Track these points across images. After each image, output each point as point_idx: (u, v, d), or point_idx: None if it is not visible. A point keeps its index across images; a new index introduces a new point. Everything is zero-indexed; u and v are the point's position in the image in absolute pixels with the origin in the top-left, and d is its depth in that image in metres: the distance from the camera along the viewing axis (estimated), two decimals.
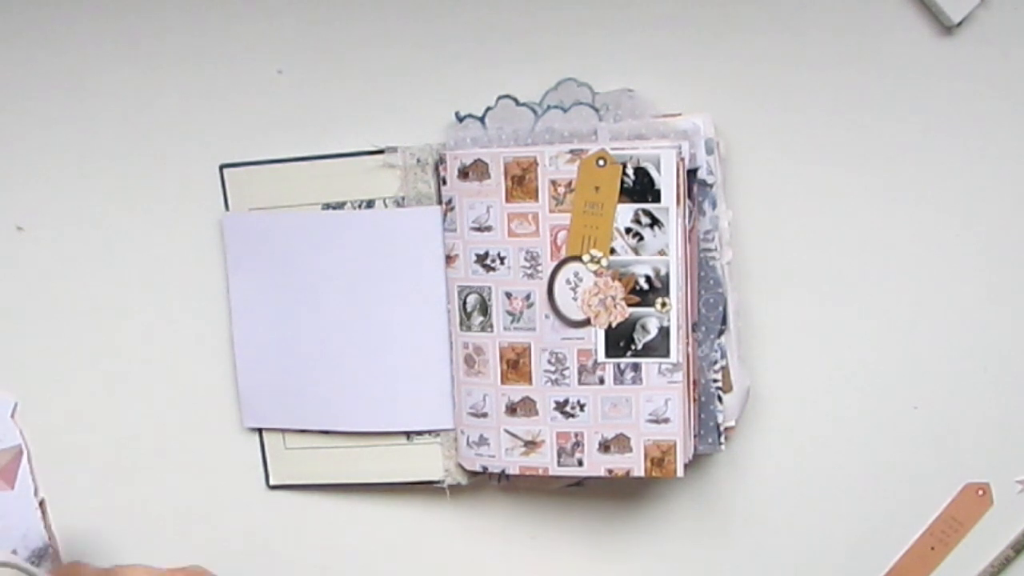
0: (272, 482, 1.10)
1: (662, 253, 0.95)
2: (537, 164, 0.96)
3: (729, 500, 1.06)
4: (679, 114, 0.99)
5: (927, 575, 1.05)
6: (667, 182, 0.94)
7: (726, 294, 0.99)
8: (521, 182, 0.96)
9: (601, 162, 0.95)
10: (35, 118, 1.07)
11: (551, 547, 1.09)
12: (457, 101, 1.02)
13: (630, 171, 0.94)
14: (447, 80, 1.03)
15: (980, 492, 1.04)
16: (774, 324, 1.03)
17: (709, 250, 0.99)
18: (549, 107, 1.00)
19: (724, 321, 0.99)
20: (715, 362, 0.99)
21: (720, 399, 1.00)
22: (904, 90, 0.99)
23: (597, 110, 0.99)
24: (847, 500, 1.05)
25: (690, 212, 0.97)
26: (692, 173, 0.97)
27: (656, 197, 0.94)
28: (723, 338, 1.00)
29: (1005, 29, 0.98)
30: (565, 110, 1.00)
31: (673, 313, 0.95)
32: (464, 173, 0.98)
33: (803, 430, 1.05)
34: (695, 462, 1.01)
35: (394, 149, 1.02)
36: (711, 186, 0.98)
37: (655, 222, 0.94)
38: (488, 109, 1.01)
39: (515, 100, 1.01)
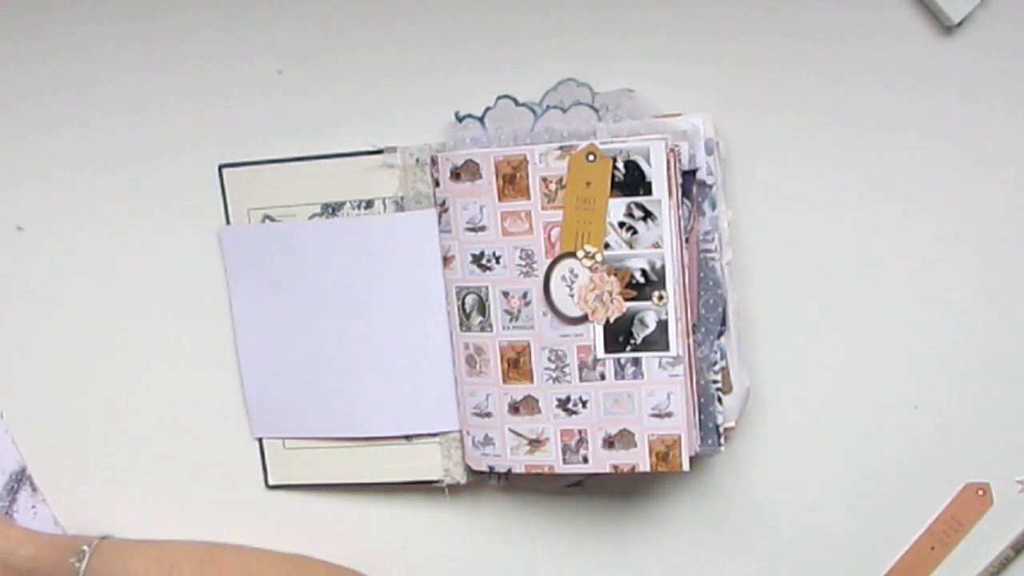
0: (271, 482, 1.10)
1: (656, 246, 0.95)
2: (527, 162, 0.96)
3: (729, 500, 1.06)
4: (679, 114, 0.99)
5: (927, 575, 1.05)
6: (658, 174, 0.94)
7: (726, 295, 0.99)
8: (512, 181, 0.96)
9: (591, 157, 0.95)
10: (35, 118, 1.07)
11: (551, 547, 1.09)
12: (457, 101, 1.02)
13: (620, 165, 0.94)
14: (447, 80, 1.03)
15: (980, 492, 1.03)
16: (774, 324, 1.03)
17: (709, 251, 0.99)
18: (549, 107, 1.00)
19: (724, 322, 0.99)
20: (715, 363, 0.99)
21: (720, 400, 1.00)
22: (904, 90, 0.99)
23: (597, 110, 0.99)
24: (847, 500, 1.05)
25: (690, 212, 0.97)
26: (692, 173, 0.97)
27: (648, 190, 0.94)
28: (723, 339, 0.99)
29: (1005, 29, 0.98)
30: (564, 110, 1.00)
31: (671, 306, 0.95)
32: (456, 174, 0.98)
33: (803, 430, 1.04)
34: (695, 463, 1.00)
35: (393, 149, 1.02)
36: (711, 186, 0.98)
37: (648, 215, 0.94)
38: (488, 109, 1.01)
39: (515, 100, 1.01)
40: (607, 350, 0.97)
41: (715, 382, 0.99)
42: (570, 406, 0.99)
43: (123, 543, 1.08)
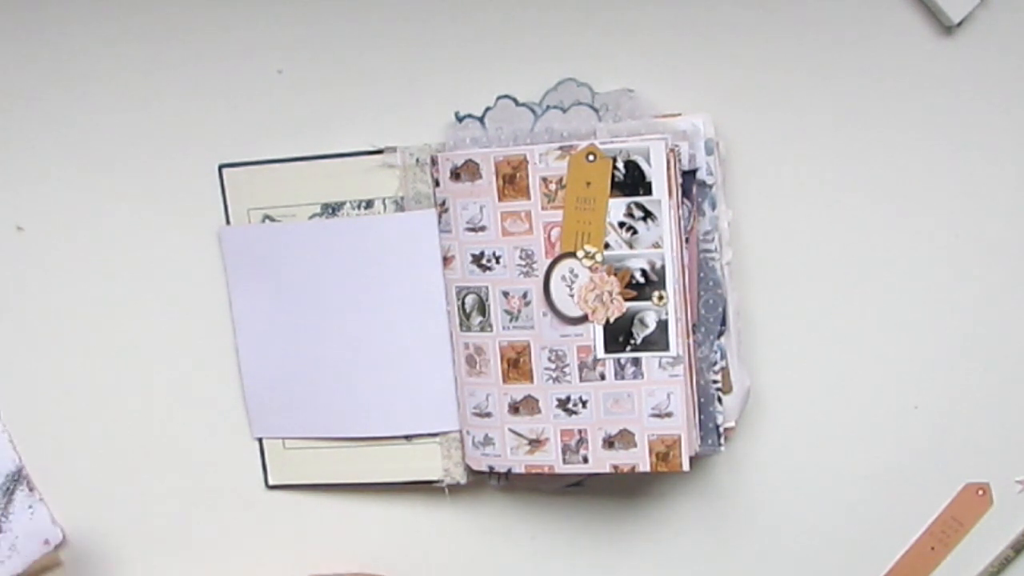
0: (271, 482, 1.10)
1: (656, 246, 0.95)
2: (527, 162, 0.96)
3: (729, 500, 1.06)
4: (679, 114, 0.99)
5: (927, 575, 1.05)
6: (658, 174, 0.94)
7: (726, 295, 0.99)
8: (512, 181, 0.96)
9: (591, 157, 0.95)
10: (35, 118, 1.07)
11: (551, 547, 1.09)
12: (457, 101, 1.02)
13: (620, 165, 0.94)
14: (447, 80, 1.03)
15: (980, 492, 1.03)
16: (774, 324, 1.03)
17: (709, 251, 0.99)
18: (548, 107, 1.00)
19: (724, 322, 0.99)
20: (715, 363, 0.99)
21: (719, 400, 1.00)
22: (904, 90, 0.99)
23: (597, 110, 0.99)
24: (847, 500, 1.05)
25: (690, 212, 0.97)
26: (692, 174, 0.97)
27: (648, 190, 0.94)
28: (723, 339, 0.99)
29: (1005, 29, 0.98)
30: (564, 110, 1.00)
31: (671, 306, 0.95)
32: (456, 174, 0.98)
33: (803, 430, 1.04)
34: (695, 463, 1.00)
35: (393, 149, 1.02)
36: (711, 186, 0.98)
37: (648, 215, 0.94)
38: (488, 109, 1.01)
39: (515, 100, 1.01)
40: (607, 350, 0.97)
41: (715, 382, 0.99)
42: (570, 406, 0.99)
43: None
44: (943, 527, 1.04)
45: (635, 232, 0.95)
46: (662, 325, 0.96)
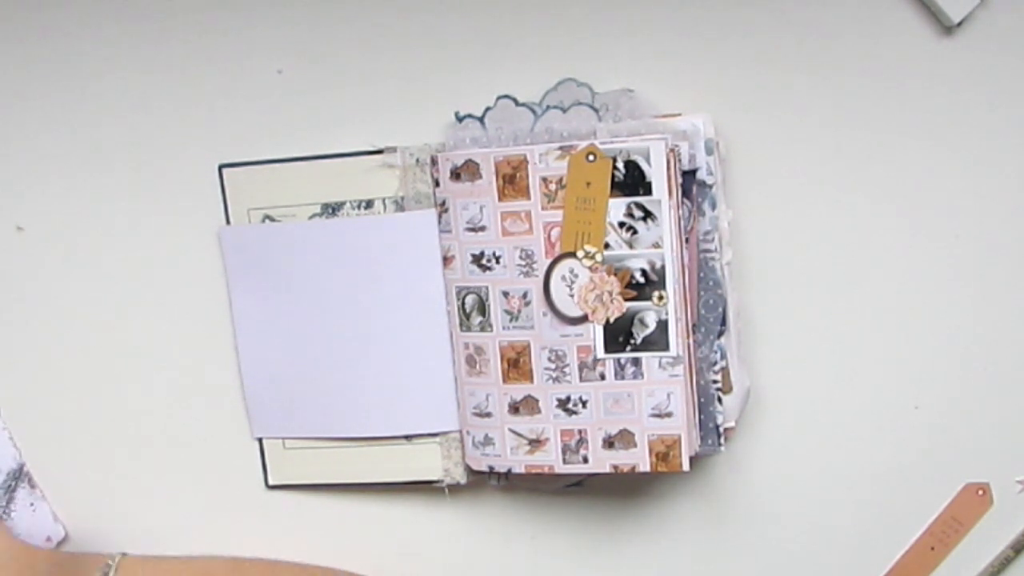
0: (271, 482, 1.10)
1: (656, 246, 0.95)
2: (527, 162, 0.96)
3: (729, 500, 1.06)
4: (679, 114, 0.99)
5: (927, 575, 1.05)
6: (658, 174, 0.94)
7: (726, 295, 0.99)
8: (512, 181, 0.96)
9: (591, 157, 0.95)
10: (35, 118, 1.07)
11: (551, 547, 1.09)
12: (457, 101, 1.02)
13: (620, 165, 0.94)
14: (447, 80, 1.03)
15: (980, 492, 1.03)
16: (774, 324, 1.03)
17: (709, 251, 0.99)
18: (548, 107, 1.00)
19: (724, 322, 0.99)
20: (715, 363, 0.99)
21: (719, 400, 1.00)
22: (904, 90, 0.99)
23: (597, 110, 0.99)
24: (847, 500, 1.05)
25: (690, 212, 0.97)
26: (692, 173, 0.97)
27: (648, 190, 0.94)
28: (723, 339, 0.99)
29: (1005, 29, 0.98)
30: (564, 110, 1.00)
31: (671, 306, 0.95)
32: (456, 174, 0.98)
33: (803, 430, 1.04)
34: (695, 463, 1.00)
35: (393, 149, 1.02)
36: (711, 186, 0.98)
37: (648, 215, 0.94)
38: (488, 109, 1.01)
39: (515, 100, 1.01)
40: (607, 350, 0.97)
41: (715, 382, 0.99)
42: (570, 406, 0.99)
43: (146, 559, 1.08)
44: (943, 527, 1.04)
45: (635, 232, 0.95)
46: (662, 325, 0.96)
